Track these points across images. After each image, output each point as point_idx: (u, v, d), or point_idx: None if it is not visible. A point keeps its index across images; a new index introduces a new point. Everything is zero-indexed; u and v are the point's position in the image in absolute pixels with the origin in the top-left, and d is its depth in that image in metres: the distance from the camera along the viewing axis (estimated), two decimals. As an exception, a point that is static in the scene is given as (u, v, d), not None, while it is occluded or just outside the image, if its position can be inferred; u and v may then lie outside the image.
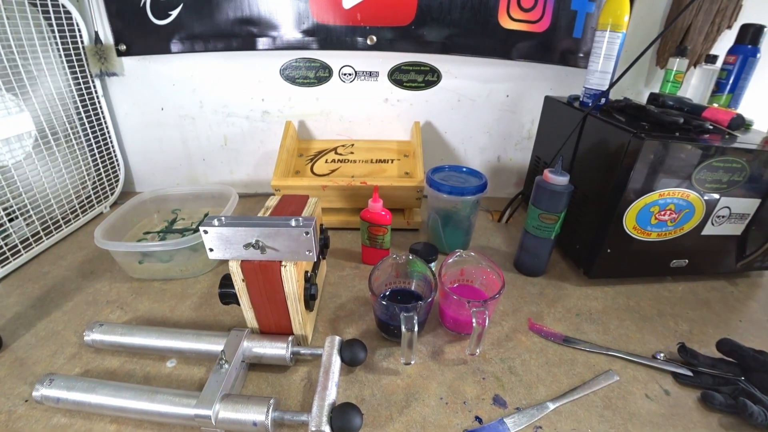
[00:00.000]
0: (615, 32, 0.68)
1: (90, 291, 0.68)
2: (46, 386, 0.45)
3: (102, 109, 0.92)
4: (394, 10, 0.85)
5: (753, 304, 0.69)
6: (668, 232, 0.66)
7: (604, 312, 0.65)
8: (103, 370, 0.53)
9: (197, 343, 0.52)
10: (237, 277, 0.49)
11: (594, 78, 0.73)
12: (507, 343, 0.59)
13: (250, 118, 0.98)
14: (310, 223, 0.46)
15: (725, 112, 0.65)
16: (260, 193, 1.08)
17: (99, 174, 0.93)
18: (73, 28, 0.83)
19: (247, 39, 0.87)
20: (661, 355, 0.56)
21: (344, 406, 0.44)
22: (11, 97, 0.71)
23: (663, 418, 0.48)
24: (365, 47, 0.88)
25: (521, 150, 1.06)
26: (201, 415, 0.42)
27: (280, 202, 0.60)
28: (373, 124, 1.00)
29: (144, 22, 0.85)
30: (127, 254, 0.67)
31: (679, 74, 0.89)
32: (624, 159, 0.60)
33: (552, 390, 0.51)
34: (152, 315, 0.63)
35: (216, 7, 0.83)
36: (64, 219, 0.83)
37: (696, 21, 0.90)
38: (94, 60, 0.87)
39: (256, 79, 0.94)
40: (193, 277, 0.71)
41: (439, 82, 0.96)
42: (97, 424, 0.46)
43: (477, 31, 0.87)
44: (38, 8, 0.76)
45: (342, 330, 0.60)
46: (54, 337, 0.58)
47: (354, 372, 0.53)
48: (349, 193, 0.84)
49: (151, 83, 0.93)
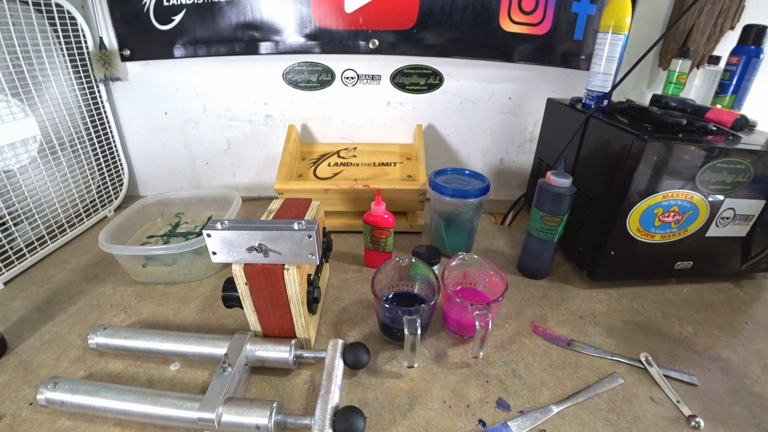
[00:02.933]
0: (617, 34, 0.68)
1: (94, 294, 0.68)
2: (51, 389, 0.45)
3: (106, 114, 0.93)
4: (396, 13, 0.85)
5: (759, 305, 0.69)
6: (672, 234, 0.66)
7: (608, 314, 0.65)
8: (106, 373, 0.53)
9: (200, 347, 0.52)
10: (240, 281, 0.49)
11: (596, 80, 0.72)
12: (510, 346, 0.58)
13: (253, 122, 0.99)
14: (313, 226, 0.46)
15: (729, 113, 0.65)
16: (263, 196, 1.08)
17: (103, 178, 0.93)
18: (77, 34, 0.84)
19: (250, 43, 0.87)
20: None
21: (347, 409, 0.44)
22: (17, 102, 0.71)
23: (668, 421, 0.48)
24: (367, 51, 0.88)
25: (524, 152, 1.06)
26: (204, 419, 0.42)
27: (282, 205, 0.60)
28: (376, 128, 1.01)
29: (148, 28, 0.86)
30: (131, 258, 0.67)
31: (682, 75, 0.89)
32: (627, 161, 0.60)
33: (556, 393, 0.51)
34: (156, 318, 0.63)
35: (219, 12, 0.84)
36: (68, 223, 0.83)
37: (698, 22, 0.90)
38: (99, 65, 0.87)
39: (258, 83, 0.94)
40: (196, 280, 0.72)
41: (441, 85, 0.96)
42: (101, 427, 0.46)
43: (478, 34, 0.88)
44: (43, 14, 0.77)
45: (345, 333, 0.60)
46: (58, 341, 0.58)
47: (357, 375, 0.53)
48: (352, 196, 0.84)
49: (155, 88, 0.94)
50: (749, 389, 0.52)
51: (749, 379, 0.54)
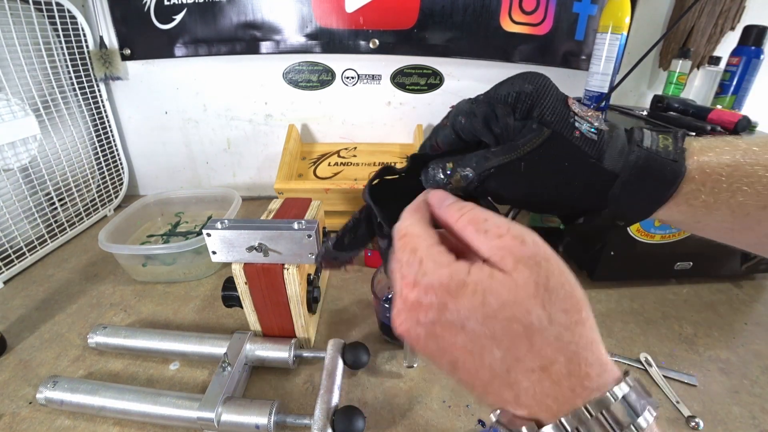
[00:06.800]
0: (616, 34, 0.68)
1: (94, 294, 0.68)
2: (50, 388, 0.45)
3: (106, 113, 0.93)
4: (397, 13, 0.85)
5: (758, 306, 0.69)
6: (672, 235, 0.66)
7: (608, 315, 0.65)
8: (106, 372, 0.53)
9: (200, 346, 0.52)
10: (240, 280, 0.49)
11: (595, 80, 0.72)
12: (510, 346, 0.58)
13: (253, 121, 0.99)
14: (313, 226, 0.46)
15: (731, 114, 0.65)
16: (263, 196, 1.08)
17: (103, 177, 0.93)
18: (78, 33, 0.84)
19: (251, 43, 0.87)
20: (663, 363, 0.56)
21: (347, 409, 0.44)
22: (17, 102, 0.71)
23: (668, 422, 0.48)
24: (368, 51, 0.88)
25: (524, 152, 1.06)
26: (204, 418, 0.42)
27: (282, 205, 0.60)
28: (376, 127, 1.00)
29: (148, 27, 0.86)
30: (131, 257, 0.67)
31: (682, 76, 0.89)
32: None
33: (556, 393, 0.51)
34: (155, 318, 0.63)
35: (220, 11, 0.84)
36: (68, 222, 0.83)
37: (699, 23, 0.90)
38: (99, 64, 0.87)
39: (259, 82, 0.94)
40: (196, 279, 0.72)
41: (441, 85, 0.96)
42: (101, 426, 0.46)
43: (479, 34, 0.88)
44: (44, 13, 0.77)
45: (345, 333, 0.60)
46: (58, 340, 0.58)
47: (356, 375, 0.53)
48: (352, 196, 0.84)
49: (155, 87, 0.94)
50: (749, 390, 0.52)
51: (749, 380, 0.54)
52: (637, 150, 0.24)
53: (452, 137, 0.27)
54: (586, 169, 0.25)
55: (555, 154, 0.24)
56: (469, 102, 0.26)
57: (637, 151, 0.24)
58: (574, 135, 0.24)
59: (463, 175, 0.25)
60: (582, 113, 0.25)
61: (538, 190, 0.26)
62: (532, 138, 0.24)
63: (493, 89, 0.26)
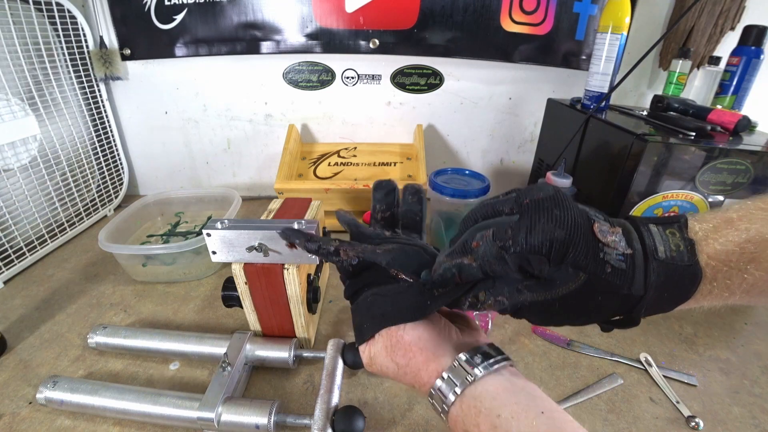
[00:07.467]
0: (616, 34, 0.68)
1: (94, 294, 0.68)
2: (50, 388, 0.45)
3: (106, 113, 0.93)
4: (397, 13, 0.85)
5: (758, 306, 0.68)
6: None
7: (608, 315, 0.65)
8: (106, 372, 0.53)
9: (200, 346, 0.52)
10: (240, 280, 0.49)
11: (595, 80, 0.72)
12: (510, 346, 0.58)
13: (253, 121, 0.99)
14: (313, 226, 0.46)
15: (732, 114, 0.65)
16: (263, 196, 1.08)
17: (103, 177, 0.93)
18: (78, 33, 0.84)
19: (251, 43, 0.87)
20: (663, 363, 0.56)
21: (347, 409, 0.44)
22: (17, 102, 0.71)
23: (668, 422, 0.48)
24: (368, 51, 0.88)
25: (524, 152, 1.06)
26: (204, 418, 0.42)
27: (283, 205, 0.60)
28: (376, 127, 1.00)
29: (148, 27, 0.86)
30: (131, 257, 0.67)
31: (682, 76, 0.89)
32: (627, 161, 0.60)
33: (555, 393, 0.51)
34: (155, 318, 0.63)
35: (220, 11, 0.84)
36: (68, 222, 0.83)
37: (699, 23, 0.90)
38: (99, 64, 0.87)
39: (259, 82, 0.94)
40: (196, 279, 0.72)
41: (441, 85, 0.96)
42: (101, 426, 0.46)
43: (479, 34, 0.88)
44: (44, 13, 0.77)
45: (345, 333, 0.60)
46: (58, 340, 0.58)
47: (357, 375, 0.53)
48: (352, 196, 0.84)
49: (156, 87, 0.94)
50: (749, 390, 0.52)
51: (749, 380, 0.54)
52: (656, 267, 0.25)
53: (479, 275, 0.27)
54: (618, 299, 0.26)
55: (589, 292, 0.26)
56: (497, 247, 0.25)
57: (656, 268, 0.25)
58: (606, 272, 0.25)
59: (498, 300, 0.27)
60: (607, 239, 0.25)
61: (569, 319, 0.28)
62: (568, 282, 0.25)
63: (523, 232, 0.25)
